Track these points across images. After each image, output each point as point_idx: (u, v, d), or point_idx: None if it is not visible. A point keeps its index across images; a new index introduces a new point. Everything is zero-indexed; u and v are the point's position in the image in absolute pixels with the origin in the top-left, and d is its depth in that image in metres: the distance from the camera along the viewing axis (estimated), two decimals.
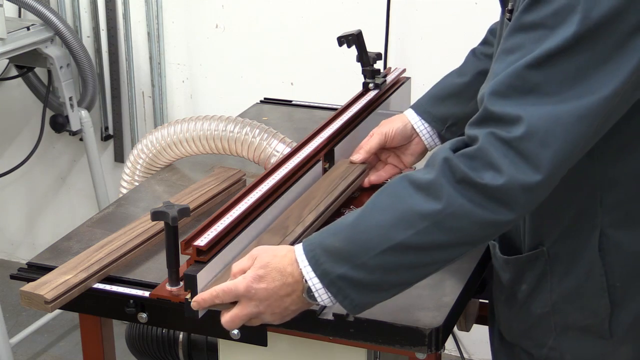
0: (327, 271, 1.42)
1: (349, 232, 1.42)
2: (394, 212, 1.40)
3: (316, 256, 1.43)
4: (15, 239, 3.97)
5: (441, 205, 1.36)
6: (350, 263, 1.41)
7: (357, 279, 1.41)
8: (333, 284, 1.42)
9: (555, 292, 1.59)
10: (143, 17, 3.36)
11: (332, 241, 1.43)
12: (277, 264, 1.46)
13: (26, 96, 3.59)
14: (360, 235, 1.41)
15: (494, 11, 2.90)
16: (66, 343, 3.47)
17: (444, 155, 1.38)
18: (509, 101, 1.36)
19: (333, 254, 1.42)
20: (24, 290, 1.68)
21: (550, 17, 1.37)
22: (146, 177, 2.23)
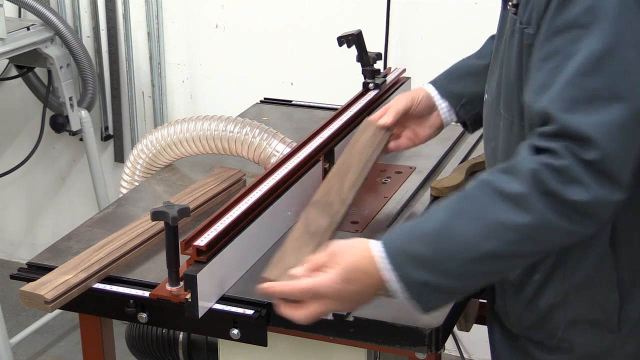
0: (410, 276, 1.44)
1: (433, 240, 1.43)
2: (480, 223, 1.41)
3: (399, 261, 1.44)
4: (15, 239, 3.97)
5: (531, 219, 1.38)
6: (434, 270, 1.43)
7: (437, 284, 1.43)
8: (414, 288, 1.44)
9: (567, 283, 1.60)
10: (143, 17, 3.36)
11: (416, 248, 1.43)
12: (362, 266, 1.46)
13: (26, 96, 3.59)
14: (445, 244, 1.42)
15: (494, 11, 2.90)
16: (66, 343, 3.47)
17: (531, 166, 1.39)
18: (576, 116, 1.38)
19: (416, 261, 1.43)
20: (24, 290, 1.68)
21: (583, 15, 1.38)
22: (146, 177, 2.23)
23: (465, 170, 2.10)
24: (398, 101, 1.90)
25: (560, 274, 1.60)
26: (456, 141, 2.32)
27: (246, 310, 1.62)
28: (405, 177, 2.12)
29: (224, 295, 1.66)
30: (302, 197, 1.94)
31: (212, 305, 1.64)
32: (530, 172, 1.38)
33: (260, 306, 1.63)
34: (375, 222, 1.91)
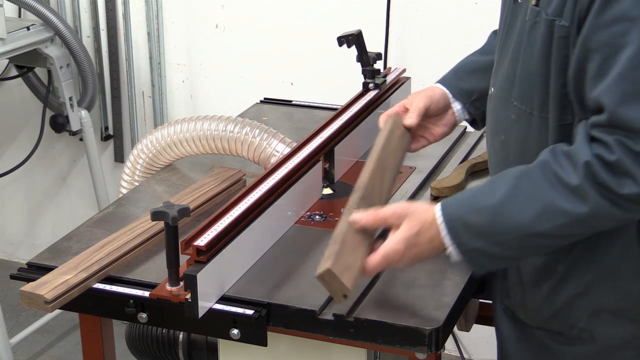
0: (465, 244, 1.56)
1: (491, 214, 1.53)
2: (538, 204, 1.50)
3: (455, 229, 1.55)
4: (15, 239, 3.97)
5: (587, 209, 1.48)
6: (488, 240, 1.54)
7: (490, 252, 1.55)
8: (468, 254, 1.56)
9: (591, 273, 1.63)
10: (143, 17, 3.36)
11: (473, 219, 1.55)
12: (426, 232, 1.57)
13: (26, 96, 3.59)
14: (502, 219, 1.53)
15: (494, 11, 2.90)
16: (66, 343, 3.47)
17: (586, 159, 1.47)
18: (627, 109, 1.45)
19: (472, 230, 1.55)
20: (24, 290, 1.68)
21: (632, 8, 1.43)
22: (146, 177, 2.23)
23: (465, 170, 2.10)
24: (418, 100, 1.89)
25: (585, 264, 1.63)
26: (456, 141, 2.32)
27: (246, 310, 1.62)
28: (405, 177, 2.12)
29: (224, 295, 1.66)
30: (302, 197, 1.94)
31: (212, 305, 1.64)
32: (584, 165, 1.47)
33: (260, 306, 1.63)
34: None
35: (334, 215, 1.94)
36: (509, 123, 1.66)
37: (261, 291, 1.67)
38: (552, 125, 1.58)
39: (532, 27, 1.58)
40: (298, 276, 1.73)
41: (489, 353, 3.21)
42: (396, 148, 1.83)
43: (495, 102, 1.71)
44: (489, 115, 1.75)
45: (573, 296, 1.65)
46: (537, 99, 1.59)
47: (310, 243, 1.84)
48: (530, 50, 1.59)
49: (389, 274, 1.74)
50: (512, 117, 1.64)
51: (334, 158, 2.04)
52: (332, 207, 1.97)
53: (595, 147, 1.47)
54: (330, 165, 2.04)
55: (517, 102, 1.63)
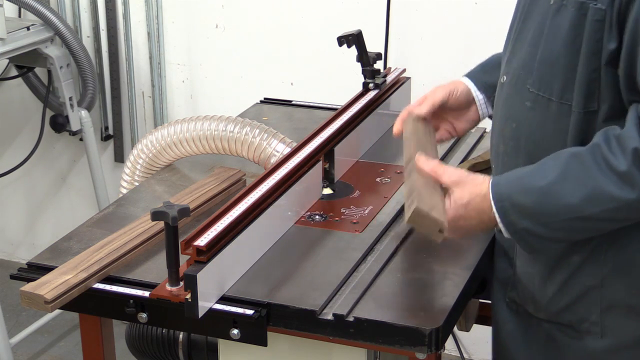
0: (513, 223, 1.57)
1: (540, 195, 1.54)
2: (587, 188, 1.51)
3: (504, 207, 1.57)
4: (15, 239, 3.97)
5: (635, 195, 1.49)
6: (536, 221, 1.56)
7: (538, 232, 1.57)
8: (517, 232, 1.58)
9: (607, 266, 1.63)
10: (143, 17, 3.36)
11: (522, 199, 1.56)
12: (477, 205, 1.59)
13: (26, 96, 3.59)
14: (550, 201, 1.54)
15: (494, 11, 2.91)
16: (66, 343, 3.47)
17: (635, 145, 1.48)
18: None
19: (521, 210, 1.56)
20: (24, 290, 1.68)
21: None
22: (146, 177, 2.23)
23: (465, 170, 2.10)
24: (435, 93, 1.89)
25: (601, 256, 1.63)
26: (456, 141, 2.32)
27: (246, 310, 1.62)
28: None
29: (224, 295, 1.66)
30: (302, 197, 1.94)
31: (212, 305, 1.64)
32: (633, 151, 1.47)
33: (260, 306, 1.63)
34: (375, 222, 1.91)
35: (334, 215, 1.94)
36: (523, 110, 1.64)
37: (261, 291, 1.67)
38: (575, 112, 1.57)
39: (557, 10, 1.57)
40: (298, 276, 1.73)
41: (489, 353, 3.20)
42: (427, 140, 1.83)
43: (508, 89, 1.69)
44: (499, 103, 1.74)
45: (587, 288, 1.65)
46: (558, 84, 1.58)
47: (310, 243, 1.84)
48: (555, 34, 1.57)
49: (389, 274, 1.74)
50: (527, 104, 1.63)
51: (334, 158, 2.04)
52: (332, 207, 1.97)
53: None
54: (330, 165, 2.04)
55: (534, 88, 1.62)
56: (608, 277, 1.63)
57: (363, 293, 1.66)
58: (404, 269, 1.75)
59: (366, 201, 2.00)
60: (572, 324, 1.68)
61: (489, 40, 2.87)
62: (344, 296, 1.66)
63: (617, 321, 1.64)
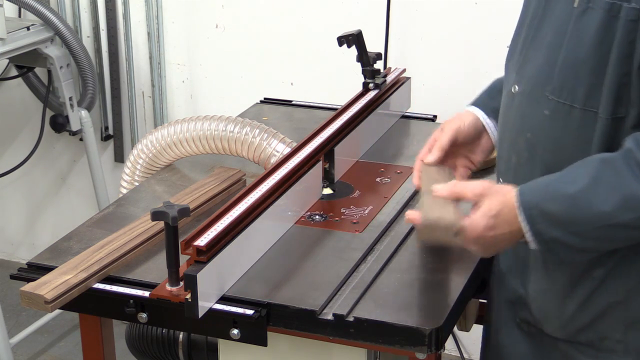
0: (542, 232, 1.51)
1: (570, 203, 1.48)
2: (620, 194, 1.45)
3: (533, 216, 1.50)
4: (15, 239, 3.97)
5: None
6: (566, 230, 1.49)
7: (568, 242, 1.50)
8: (545, 243, 1.51)
9: (631, 280, 1.57)
10: (143, 17, 3.36)
11: (551, 207, 1.49)
12: (507, 215, 1.53)
13: (26, 96, 3.59)
14: (582, 210, 1.47)
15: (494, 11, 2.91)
16: (66, 343, 3.47)
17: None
18: None
19: (550, 219, 1.50)
20: (24, 290, 1.68)
21: None
22: (146, 177, 2.23)
23: None
24: (443, 134, 1.80)
25: (625, 270, 1.57)
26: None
27: (246, 310, 1.62)
28: (405, 177, 2.12)
29: (224, 295, 1.66)
30: (302, 197, 1.94)
31: (212, 305, 1.64)
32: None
33: (260, 306, 1.63)
34: (375, 222, 1.91)
35: (334, 215, 1.94)
36: (540, 120, 1.58)
37: (261, 291, 1.67)
38: (602, 118, 1.51)
39: (582, 13, 1.52)
40: (298, 276, 1.73)
41: None
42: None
43: (521, 98, 1.63)
44: (508, 114, 1.67)
45: (610, 304, 1.59)
46: (582, 91, 1.52)
47: (310, 243, 1.84)
48: (579, 38, 1.52)
49: (389, 274, 1.74)
50: (545, 113, 1.57)
51: (334, 158, 2.04)
52: (332, 207, 1.97)
53: None
54: (330, 165, 2.04)
55: (553, 95, 1.56)
56: (633, 291, 1.57)
57: (363, 293, 1.66)
58: (404, 269, 1.75)
59: (366, 201, 2.00)
60: (593, 343, 1.62)
61: (489, 41, 2.87)
62: (344, 296, 1.66)
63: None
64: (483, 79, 2.05)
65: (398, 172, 2.13)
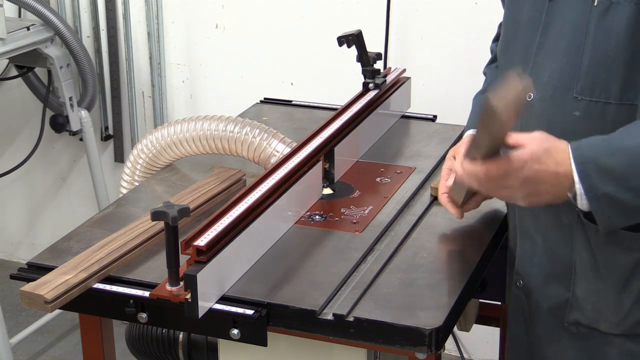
0: (595, 187, 1.46)
1: (629, 155, 1.45)
2: None
3: (587, 170, 1.46)
4: (15, 239, 3.97)
5: None
6: (620, 185, 1.45)
7: (620, 200, 1.46)
8: (596, 199, 1.47)
9: None
10: (143, 17, 3.36)
11: (608, 160, 1.46)
12: (557, 155, 1.48)
13: (26, 96, 3.59)
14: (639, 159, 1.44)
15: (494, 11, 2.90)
16: (66, 343, 3.47)
17: None
18: None
19: (605, 172, 1.46)
20: (24, 290, 1.68)
21: None
22: (146, 177, 2.23)
23: None
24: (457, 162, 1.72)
25: None
26: (456, 141, 2.32)
27: (246, 310, 1.62)
28: (405, 177, 2.12)
29: (224, 295, 1.66)
30: (302, 197, 1.94)
31: (212, 305, 1.64)
32: None
33: (260, 306, 1.63)
34: (375, 222, 1.91)
35: (334, 215, 1.94)
36: (570, 122, 1.58)
37: (261, 291, 1.67)
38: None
39: (606, 10, 1.52)
40: (298, 276, 1.73)
41: (489, 353, 3.21)
42: None
43: (542, 105, 1.62)
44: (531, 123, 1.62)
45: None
46: (617, 86, 1.52)
47: (310, 243, 1.84)
48: (606, 36, 1.53)
49: (389, 274, 1.74)
50: (577, 114, 1.57)
51: (334, 158, 2.04)
52: (332, 207, 1.97)
53: None
54: (330, 165, 2.04)
55: (584, 96, 1.56)
56: None
57: (363, 293, 1.66)
58: (404, 269, 1.75)
59: (366, 201, 2.00)
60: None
61: (489, 41, 2.87)
62: (344, 296, 1.66)
63: None
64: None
65: (398, 172, 2.13)
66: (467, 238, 1.86)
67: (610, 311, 1.64)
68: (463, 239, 1.86)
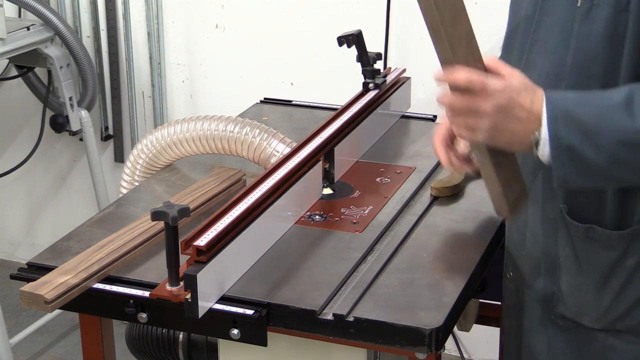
0: (560, 136, 1.46)
1: (600, 110, 1.46)
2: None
3: (556, 118, 1.47)
4: (15, 239, 3.97)
5: None
6: (586, 137, 1.45)
7: (582, 155, 1.46)
8: (559, 148, 1.47)
9: None
10: (143, 17, 3.36)
11: (579, 111, 1.46)
12: (533, 91, 1.49)
13: (26, 96, 3.59)
14: (609, 118, 1.45)
15: (494, 11, 2.90)
16: (66, 343, 3.47)
17: None
18: None
19: (573, 123, 1.46)
20: (24, 290, 1.68)
21: None
22: (146, 177, 2.23)
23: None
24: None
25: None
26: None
27: (246, 310, 1.62)
28: (405, 177, 2.12)
29: (224, 295, 1.66)
30: (302, 197, 1.94)
31: (212, 305, 1.64)
32: None
33: (260, 306, 1.63)
34: (375, 222, 1.91)
35: (334, 215, 1.94)
36: None
37: (261, 291, 1.67)
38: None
39: (588, 11, 1.54)
40: (298, 276, 1.73)
41: (489, 353, 3.21)
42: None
43: None
44: None
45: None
46: (597, 86, 1.54)
47: (310, 243, 1.84)
48: (588, 36, 1.54)
49: (389, 274, 1.74)
50: None
51: (334, 158, 2.04)
52: (332, 207, 1.97)
53: None
54: (330, 165, 2.04)
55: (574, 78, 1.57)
56: None
57: (363, 293, 1.66)
58: (404, 269, 1.75)
59: (366, 201, 2.00)
60: (632, 329, 1.64)
61: (489, 41, 2.87)
62: (344, 296, 1.66)
63: None
64: None
65: (398, 172, 2.13)
66: (467, 238, 1.86)
67: (591, 306, 1.66)
68: (463, 239, 1.87)
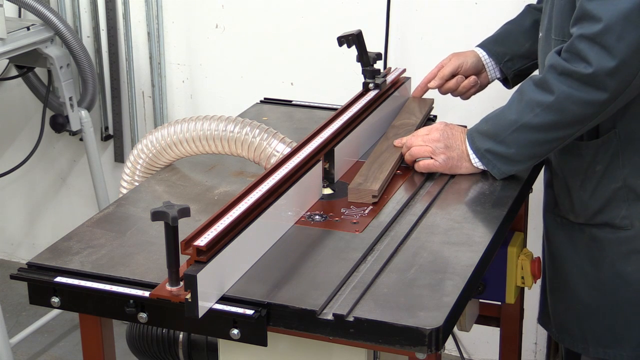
0: (478, 146, 2.03)
1: (494, 118, 2.00)
2: (521, 103, 1.95)
3: (471, 136, 2.03)
4: (15, 239, 3.97)
5: (553, 96, 1.89)
6: (493, 140, 1.99)
7: (499, 151, 1.99)
8: (483, 156, 2.02)
9: (626, 167, 2.00)
10: (143, 17, 3.36)
11: (483, 125, 2.02)
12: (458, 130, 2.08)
13: (26, 96, 3.59)
14: (500, 120, 1.98)
15: (494, 11, 2.91)
16: (66, 343, 3.47)
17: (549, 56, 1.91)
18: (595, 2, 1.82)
19: (482, 134, 2.02)
20: (351, 188, 1.97)
21: None
22: (146, 177, 2.23)
23: None
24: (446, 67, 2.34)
25: (619, 161, 2.00)
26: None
27: (246, 310, 1.62)
28: (405, 177, 2.12)
29: (224, 295, 1.66)
30: (302, 197, 1.94)
31: (212, 305, 1.64)
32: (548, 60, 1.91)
33: (260, 306, 1.63)
34: (375, 222, 1.91)
35: (334, 215, 1.94)
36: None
37: (261, 291, 1.67)
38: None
39: None
40: (298, 276, 1.73)
41: (489, 353, 3.21)
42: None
43: (541, 44, 2.10)
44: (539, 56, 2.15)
45: (614, 190, 2.01)
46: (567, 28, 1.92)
47: (310, 243, 1.84)
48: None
49: (389, 274, 1.74)
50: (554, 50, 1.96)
51: (334, 158, 2.04)
52: (332, 207, 1.97)
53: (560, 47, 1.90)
54: (330, 165, 2.04)
55: (555, 36, 2.00)
56: (628, 178, 2.00)
57: (363, 293, 1.66)
58: (404, 269, 1.75)
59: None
60: (608, 222, 2.04)
61: None
62: (344, 296, 1.66)
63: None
64: None
65: (398, 172, 2.13)
66: (467, 238, 1.86)
67: (575, 205, 2.09)
68: (463, 239, 1.87)
